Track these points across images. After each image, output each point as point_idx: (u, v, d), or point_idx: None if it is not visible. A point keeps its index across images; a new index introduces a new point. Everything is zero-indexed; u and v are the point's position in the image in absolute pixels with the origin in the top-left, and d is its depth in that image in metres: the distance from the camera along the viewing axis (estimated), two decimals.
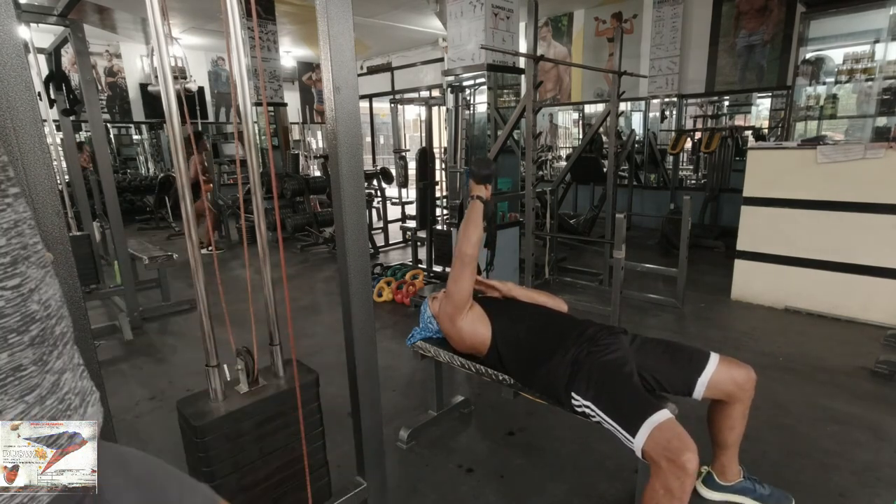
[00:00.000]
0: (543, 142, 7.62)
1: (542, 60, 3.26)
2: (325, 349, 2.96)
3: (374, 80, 9.24)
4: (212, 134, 9.51)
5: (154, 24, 0.98)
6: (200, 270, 1.14)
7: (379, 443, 1.44)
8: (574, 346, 1.54)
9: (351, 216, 1.23)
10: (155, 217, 7.63)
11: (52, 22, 2.75)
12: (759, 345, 2.89)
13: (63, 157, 3.89)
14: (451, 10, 3.62)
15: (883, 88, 4.53)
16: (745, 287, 3.60)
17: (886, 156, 2.93)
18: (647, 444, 1.22)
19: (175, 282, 4.12)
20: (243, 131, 1.18)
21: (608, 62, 6.79)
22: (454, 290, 1.69)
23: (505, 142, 3.37)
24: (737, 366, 1.50)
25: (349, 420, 1.41)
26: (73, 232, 3.46)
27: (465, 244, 1.68)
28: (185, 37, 8.26)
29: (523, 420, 2.17)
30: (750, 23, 5.70)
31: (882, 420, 2.10)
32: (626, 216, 2.86)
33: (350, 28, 1.13)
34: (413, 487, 1.78)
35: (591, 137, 5.04)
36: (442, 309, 1.79)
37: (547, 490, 1.74)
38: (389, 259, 5.47)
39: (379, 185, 6.14)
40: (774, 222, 3.40)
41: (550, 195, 4.49)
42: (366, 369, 1.35)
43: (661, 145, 6.60)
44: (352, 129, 1.19)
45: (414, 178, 4.76)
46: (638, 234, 6.01)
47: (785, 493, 1.62)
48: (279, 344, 1.32)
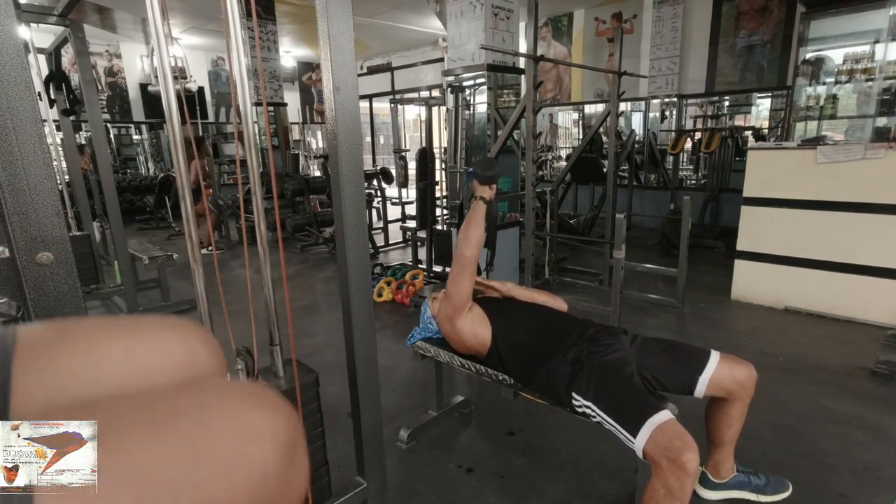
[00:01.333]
0: (543, 142, 7.62)
1: (542, 60, 3.26)
2: (325, 349, 2.96)
3: (374, 80, 9.24)
4: (212, 134, 9.51)
5: (154, 24, 0.98)
6: (200, 270, 1.14)
7: (379, 443, 1.44)
8: (574, 346, 1.54)
9: (351, 216, 1.23)
10: (155, 217, 7.63)
11: (52, 22, 2.75)
12: (759, 345, 2.89)
13: (63, 157, 3.89)
14: (451, 10, 3.62)
15: (883, 88, 4.53)
16: (745, 287, 3.60)
17: (886, 156, 2.93)
18: (648, 444, 1.22)
19: (175, 282, 4.12)
20: (243, 131, 1.18)
21: (608, 62, 6.79)
22: (453, 292, 1.69)
23: (505, 142, 3.37)
24: (738, 363, 1.50)
25: (349, 420, 1.41)
26: (73, 232, 3.46)
27: (465, 246, 1.67)
28: (185, 37, 8.26)
29: (523, 420, 2.17)
30: (750, 23, 5.70)
31: (882, 420, 2.10)
32: (626, 216, 2.86)
33: (350, 28, 1.13)
34: (413, 487, 1.78)
35: (591, 137, 5.04)
36: (441, 310, 1.78)
37: (547, 490, 1.74)
38: (389, 259, 5.47)
39: (379, 185, 6.14)
40: (774, 222, 3.40)
41: (550, 195, 4.49)
42: (366, 369, 1.35)
43: (661, 145, 6.60)
44: (352, 129, 1.19)
45: (414, 178, 4.76)
46: (638, 234, 6.01)
47: (781, 478, 1.64)
48: (279, 344, 1.32)
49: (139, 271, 3.80)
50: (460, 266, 1.67)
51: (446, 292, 1.73)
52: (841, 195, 3.12)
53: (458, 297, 1.68)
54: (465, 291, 1.68)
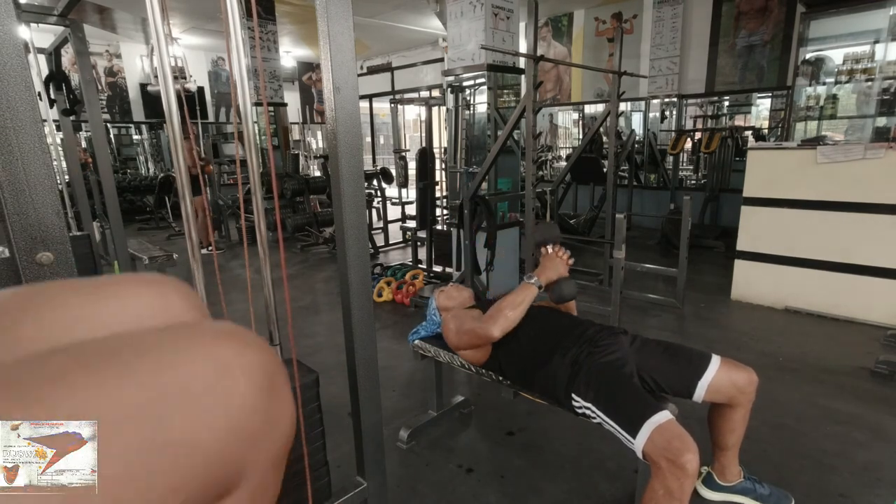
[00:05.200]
0: (543, 142, 7.62)
1: (542, 60, 3.25)
2: (325, 349, 2.96)
3: (374, 80, 9.24)
4: (212, 134, 9.51)
5: (154, 24, 0.98)
6: (200, 270, 1.14)
7: (379, 443, 1.44)
8: (574, 346, 1.53)
9: (351, 216, 1.22)
10: (155, 217, 7.63)
11: (52, 22, 2.75)
12: (759, 345, 2.88)
13: (63, 157, 3.89)
14: (451, 11, 3.62)
15: (883, 88, 4.54)
16: (745, 287, 3.60)
17: (886, 156, 2.93)
18: (648, 444, 1.22)
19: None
20: (243, 131, 1.18)
21: (608, 62, 6.79)
22: (457, 342, 1.70)
23: (505, 142, 3.37)
24: (738, 369, 1.48)
25: (349, 420, 1.41)
26: (73, 232, 3.46)
27: (500, 325, 1.55)
28: (185, 37, 8.26)
29: (523, 420, 2.17)
30: (750, 23, 5.70)
31: (882, 420, 2.10)
32: (626, 216, 2.86)
33: (350, 28, 1.13)
34: (413, 487, 1.78)
35: (591, 137, 5.03)
36: (449, 331, 1.76)
37: (547, 490, 1.74)
38: (389, 259, 5.47)
39: (379, 185, 6.14)
40: (774, 222, 3.40)
41: (550, 195, 4.49)
42: (366, 369, 1.35)
43: (661, 145, 6.60)
44: (352, 129, 1.19)
45: (414, 178, 4.76)
46: (638, 234, 6.01)
47: (785, 492, 1.62)
48: (279, 344, 1.32)
49: (139, 271, 3.80)
50: (479, 339, 1.60)
51: (455, 332, 1.69)
52: (841, 195, 3.12)
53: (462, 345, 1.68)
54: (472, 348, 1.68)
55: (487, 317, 1.57)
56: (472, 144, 3.92)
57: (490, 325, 1.55)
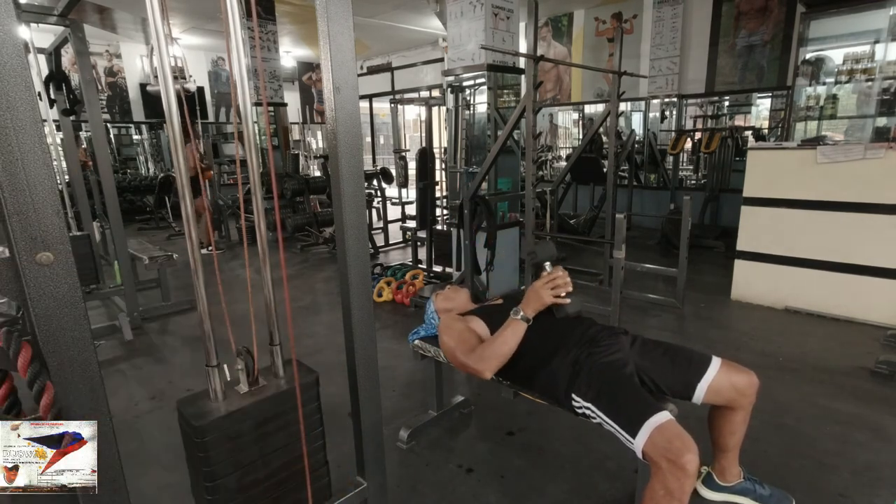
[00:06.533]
0: (543, 142, 7.62)
1: (542, 60, 3.26)
2: (325, 349, 2.96)
3: (374, 80, 9.24)
4: (212, 134, 9.51)
5: (154, 24, 0.98)
6: (200, 270, 1.14)
7: (379, 443, 1.44)
8: (575, 347, 1.53)
9: (351, 216, 1.22)
10: (155, 217, 7.63)
11: (52, 22, 2.75)
12: (759, 345, 2.88)
13: (63, 157, 3.89)
14: (451, 11, 3.62)
15: (883, 88, 4.53)
16: (745, 287, 3.60)
17: (886, 156, 2.93)
18: (648, 445, 1.21)
19: (175, 282, 4.12)
20: (243, 131, 1.18)
21: (608, 62, 6.79)
22: (451, 362, 1.66)
23: (505, 142, 3.37)
24: (738, 371, 1.48)
25: (349, 420, 1.41)
26: (73, 232, 3.46)
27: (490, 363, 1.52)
28: (185, 37, 8.26)
29: (523, 420, 2.17)
30: (750, 23, 5.70)
31: (882, 420, 2.10)
32: (626, 216, 2.86)
33: (350, 28, 1.13)
34: (413, 487, 1.78)
35: (591, 137, 5.04)
36: (443, 345, 1.70)
37: (547, 490, 1.74)
38: (389, 259, 5.47)
39: (379, 185, 6.14)
40: (774, 222, 3.40)
41: (550, 195, 4.49)
42: (366, 369, 1.35)
43: (661, 145, 6.60)
44: (352, 129, 1.19)
45: (414, 178, 4.76)
46: (638, 234, 6.01)
47: (785, 493, 1.62)
48: (279, 344, 1.32)
49: (139, 271, 3.80)
50: (472, 373, 1.57)
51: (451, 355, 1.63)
52: (841, 195, 3.12)
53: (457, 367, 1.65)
54: None
55: (479, 358, 1.54)
56: (472, 144, 3.92)
57: (483, 368, 1.52)
